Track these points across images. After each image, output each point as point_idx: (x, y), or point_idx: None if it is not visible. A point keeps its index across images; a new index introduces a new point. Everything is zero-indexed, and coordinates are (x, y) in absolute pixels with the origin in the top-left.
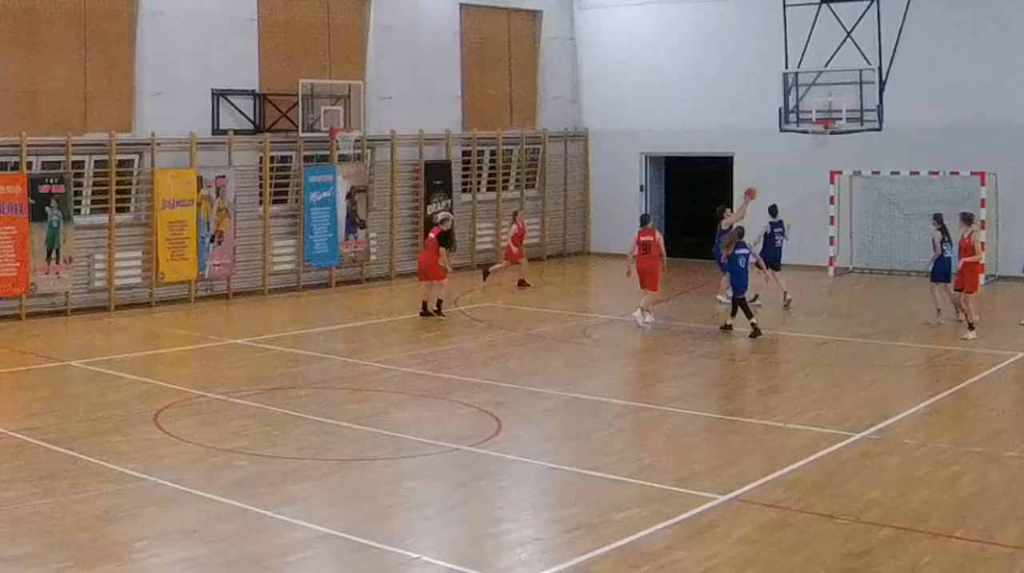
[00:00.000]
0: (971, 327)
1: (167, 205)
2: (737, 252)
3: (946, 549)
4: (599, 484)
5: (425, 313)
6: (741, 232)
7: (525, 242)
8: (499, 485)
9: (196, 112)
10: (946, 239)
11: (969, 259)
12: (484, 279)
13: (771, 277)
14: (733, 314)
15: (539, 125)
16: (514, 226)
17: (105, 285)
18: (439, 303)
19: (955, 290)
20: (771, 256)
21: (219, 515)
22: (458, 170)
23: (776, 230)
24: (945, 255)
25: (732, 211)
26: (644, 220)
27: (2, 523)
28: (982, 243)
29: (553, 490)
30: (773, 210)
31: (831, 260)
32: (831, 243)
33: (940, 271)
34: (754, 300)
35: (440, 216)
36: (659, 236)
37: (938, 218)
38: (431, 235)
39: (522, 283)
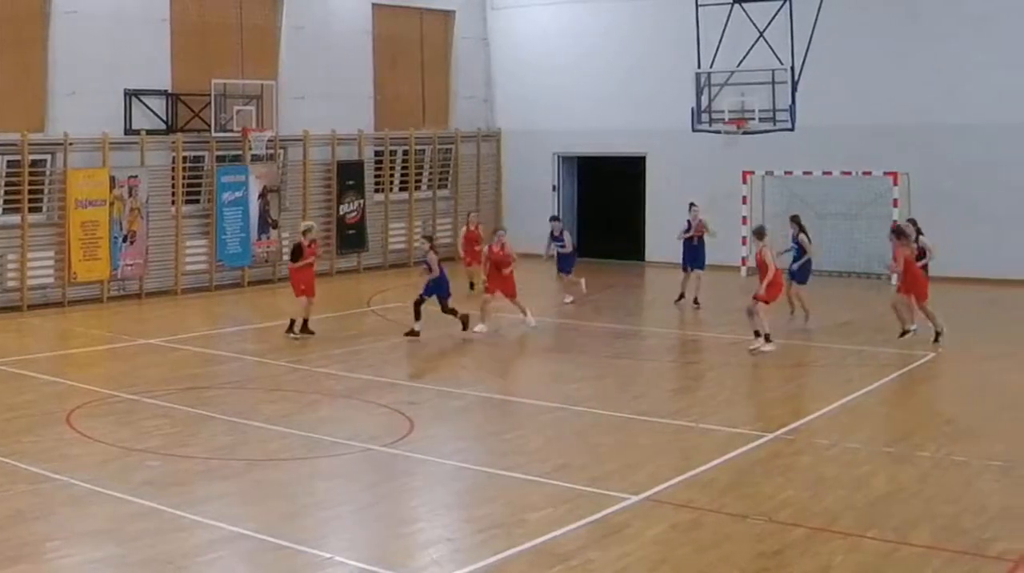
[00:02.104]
0: (763, 337)
1: (80, 205)
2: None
3: (859, 549)
4: (512, 484)
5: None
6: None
7: (440, 242)
8: (412, 485)
9: (109, 112)
10: (808, 240)
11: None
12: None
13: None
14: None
15: (452, 125)
16: (464, 228)
17: (18, 285)
18: (305, 322)
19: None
20: (693, 255)
21: (132, 515)
22: (371, 170)
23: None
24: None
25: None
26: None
27: None
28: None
29: (466, 490)
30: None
31: (743, 260)
32: (743, 243)
33: (806, 272)
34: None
35: (304, 226)
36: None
37: (795, 219)
38: (307, 248)
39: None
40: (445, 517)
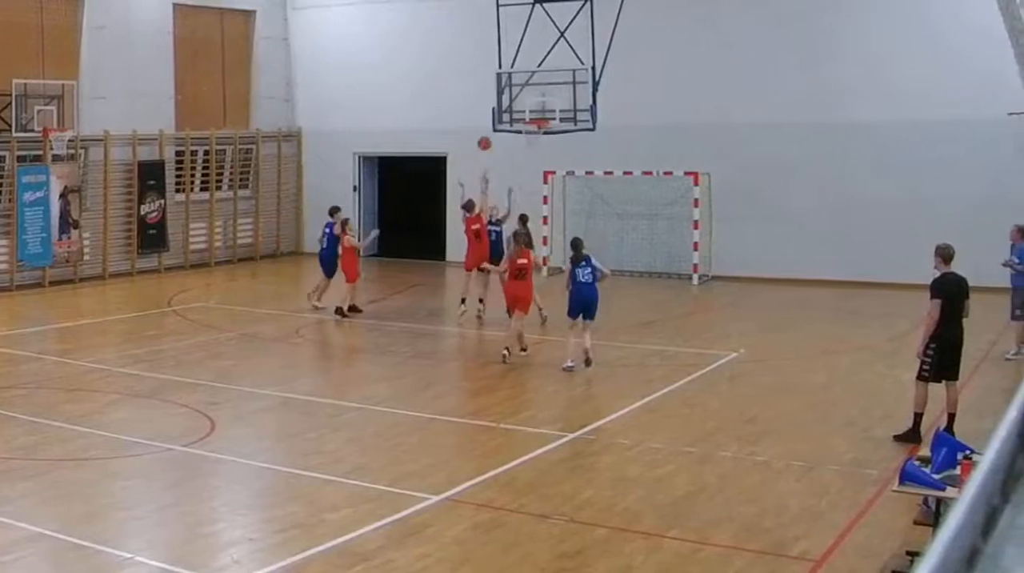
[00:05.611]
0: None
1: None
2: None
3: (660, 549)
4: (313, 484)
5: None
6: None
7: (241, 242)
8: (212, 485)
9: None
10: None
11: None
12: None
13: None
14: None
15: (252, 125)
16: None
17: None
18: None
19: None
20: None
21: None
22: (172, 170)
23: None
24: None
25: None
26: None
27: None
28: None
29: (267, 490)
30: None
31: (545, 260)
32: (544, 243)
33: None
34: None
35: None
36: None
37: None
38: None
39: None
40: (246, 517)
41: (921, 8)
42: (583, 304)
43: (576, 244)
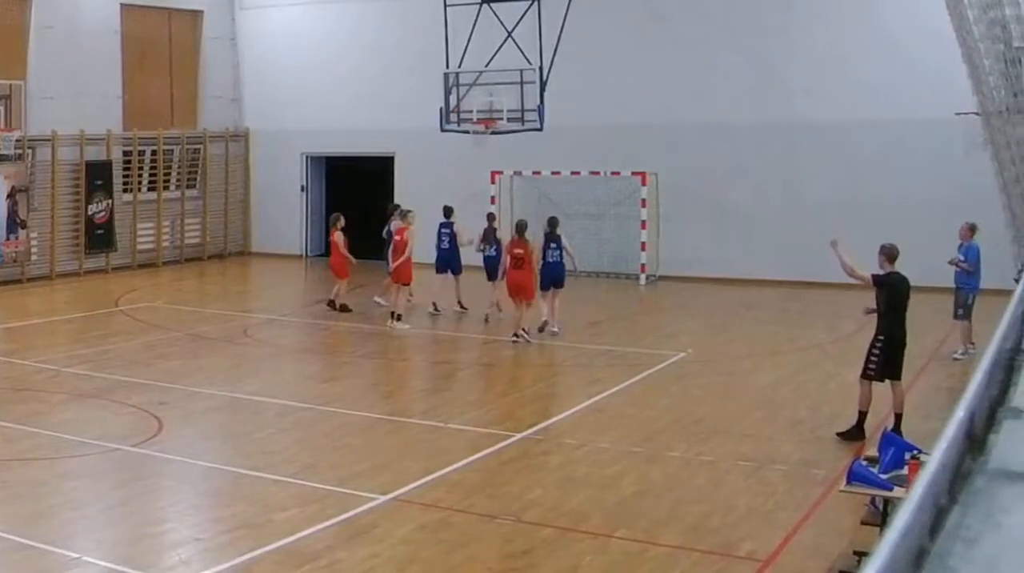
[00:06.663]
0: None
1: None
2: None
3: (607, 549)
4: (260, 484)
5: None
6: None
7: (189, 242)
8: (160, 485)
9: None
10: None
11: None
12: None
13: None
14: None
15: (200, 125)
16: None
17: None
18: None
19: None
20: (442, 260)
21: None
22: (119, 170)
23: (443, 230)
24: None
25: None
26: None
27: None
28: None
29: (214, 490)
30: (447, 211)
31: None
32: None
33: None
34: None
35: None
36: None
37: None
38: None
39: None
40: (193, 517)
41: (870, 8)
42: (552, 279)
43: (552, 222)
